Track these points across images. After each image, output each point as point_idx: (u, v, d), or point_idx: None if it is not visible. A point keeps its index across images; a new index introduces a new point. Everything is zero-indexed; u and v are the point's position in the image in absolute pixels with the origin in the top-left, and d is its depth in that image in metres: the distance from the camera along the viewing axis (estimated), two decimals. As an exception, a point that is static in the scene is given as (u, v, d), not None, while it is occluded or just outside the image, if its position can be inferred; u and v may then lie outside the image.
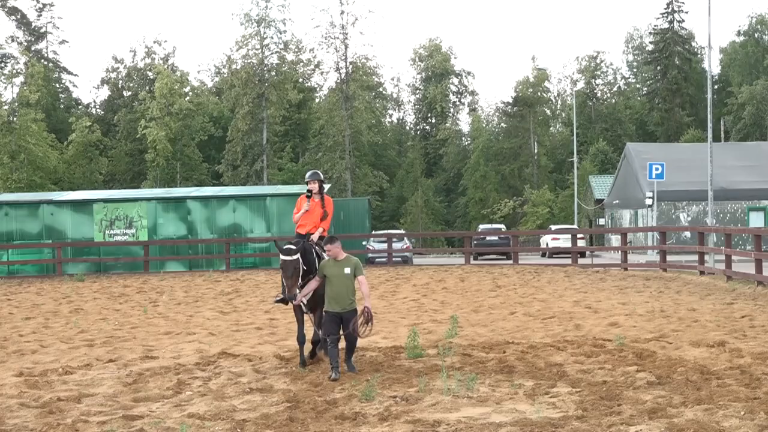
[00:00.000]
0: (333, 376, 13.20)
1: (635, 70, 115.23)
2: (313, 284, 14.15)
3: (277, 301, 15.32)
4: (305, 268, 14.16)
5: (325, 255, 14.37)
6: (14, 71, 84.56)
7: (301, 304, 14.44)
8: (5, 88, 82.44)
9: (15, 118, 77.95)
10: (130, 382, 13.62)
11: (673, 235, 53.43)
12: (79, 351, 17.05)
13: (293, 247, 14.12)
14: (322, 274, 14.01)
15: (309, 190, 15.27)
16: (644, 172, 52.38)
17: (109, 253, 44.48)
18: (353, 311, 13.86)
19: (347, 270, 13.92)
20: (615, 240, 61.34)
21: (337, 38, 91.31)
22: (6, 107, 78.68)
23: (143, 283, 34.75)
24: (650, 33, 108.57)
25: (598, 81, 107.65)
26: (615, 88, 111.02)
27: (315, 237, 15.06)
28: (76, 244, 44.33)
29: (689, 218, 60.11)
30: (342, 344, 13.91)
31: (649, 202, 53.60)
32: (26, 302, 28.02)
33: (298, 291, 14.03)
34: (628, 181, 65.44)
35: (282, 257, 14.03)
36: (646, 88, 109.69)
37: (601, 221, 79.28)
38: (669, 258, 38.21)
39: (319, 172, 15.75)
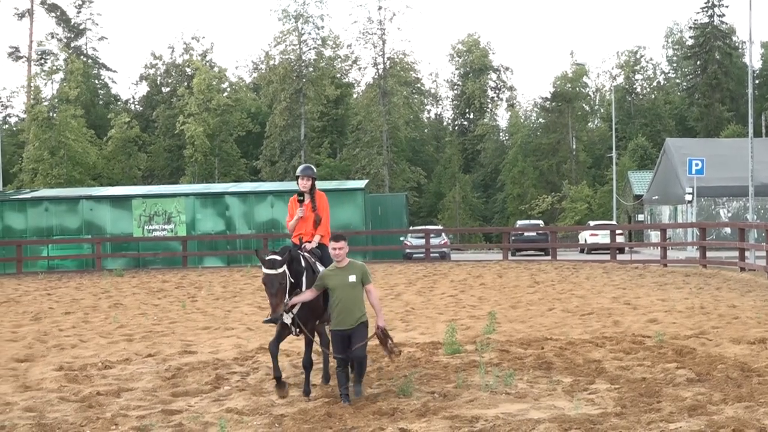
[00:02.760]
0: (344, 401, 11.44)
1: (675, 65, 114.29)
2: (305, 296, 11.96)
3: (267, 321, 12.53)
4: (292, 281, 11.87)
5: (319, 266, 12.50)
6: (54, 68, 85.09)
7: (288, 322, 12.09)
8: (45, 84, 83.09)
9: (55, 114, 78.47)
10: (169, 377, 13.67)
11: (713, 232, 53.10)
12: (119, 346, 17.14)
13: (278, 258, 11.73)
14: (322, 286, 11.92)
15: (300, 193, 13.25)
16: (684, 168, 52.02)
17: (147, 249, 44.71)
18: (363, 325, 11.84)
19: (352, 278, 11.83)
20: (654, 236, 60.95)
21: (375, 34, 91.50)
22: (46, 103, 79.23)
23: (182, 279, 34.88)
24: (690, 27, 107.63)
25: (638, 76, 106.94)
26: (654, 83, 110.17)
27: (310, 246, 12.92)
28: (115, 239, 44.61)
29: (729, 214, 59.77)
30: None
31: (688, 197, 53.27)
32: (66, 297, 28.19)
33: (285, 312, 11.81)
34: (668, 177, 65.07)
35: (264, 270, 11.68)
36: (685, 83, 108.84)
37: (641, 217, 78.88)
38: (709, 254, 37.91)
39: (312, 166, 13.74)
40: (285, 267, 11.66)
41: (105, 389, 12.74)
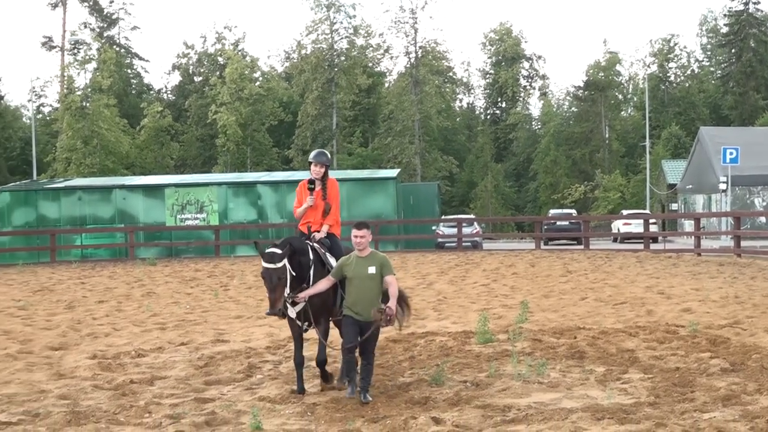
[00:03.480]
0: (349, 392, 10.99)
1: (709, 53, 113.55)
2: (321, 285, 11.36)
3: (269, 314, 11.81)
4: (294, 273, 11.26)
5: (329, 257, 11.91)
6: (87, 57, 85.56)
7: (293, 316, 11.56)
8: (78, 74, 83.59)
9: (88, 104, 78.89)
10: (202, 366, 13.71)
11: (747, 221, 52.71)
12: (152, 334, 17.20)
13: (278, 251, 11.11)
14: (339, 275, 11.33)
15: (311, 180, 12.46)
16: (718, 157, 51.72)
17: (180, 238, 44.91)
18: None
19: (372, 269, 11.16)
20: (688, 225, 60.60)
21: (407, 22, 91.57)
22: (79, 93, 79.65)
23: (214, 268, 34.99)
24: (725, 15, 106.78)
25: (671, 64, 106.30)
26: (688, 72, 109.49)
27: (318, 236, 12.23)
28: (148, 228, 44.85)
29: (764, 203, 59.35)
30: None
31: (723, 186, 52.94)
32: (99, 286, 28.34)
33: (289, 303, 11.26)
34: (702, 166, 64.68)
35: (263, 264, 11.15)
36: (720, 72, 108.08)
37: (674, 206, 78.44)
38: (743, 243, 37.65)
39: (326, 152, 12.99)
40: (285, 261, 11.07)
41: (138, 377, 12.80)
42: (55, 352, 15.39)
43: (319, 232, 12.33)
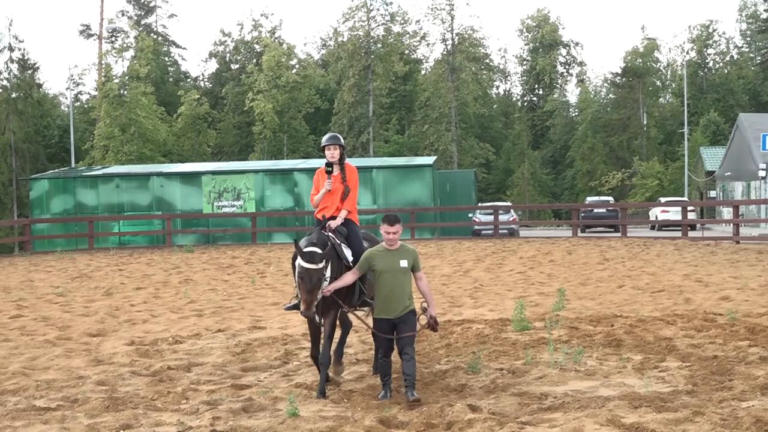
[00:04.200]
0: (383, 394, 10.49)
1: (748, 38, 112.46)
2: (348, 278, 10.83)
3: (290, 308, 11.63)
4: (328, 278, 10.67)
5: (345, 249, 11.31)
6: (125, 45, 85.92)
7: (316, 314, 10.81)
8: (116, 62, 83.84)
9: (125, 92, 79.21)
10: (239, 352, 13.77)
11: (786, 208, 52.25)
12: (189, 321, 17.30)
13: (318, 250, 10.49)
14: (366, 268, 10.71)
15: (328, 164, 11.76)
16: (757, 144, 51.38)
17: (217, 225, 45.13)
18: (412, 313, 10.65)
19: (404, 263, 10.53)
20: (726, 213, 60.24)
21: (444, 9, 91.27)
22: (117, 81, 79.98)
23: (251, 255, 35.13)
24: (765, 0, 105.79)
25: (710, 50, 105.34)
26: (727, 58, 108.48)
27: (335, 224, 11.50)
28: (185, 215, 45.05)
29: (804, 190, 58.76)
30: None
31: (762, 174, 52.54)
32: (137, 273, 28.52)
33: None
34: (741, 153, 64.18)
35: (302, 264, 10.43)
36: (759, 58, 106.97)
37: (712, 194, 77.92)
38: (782, 231, 37.37)
39: (338, 135, 12.14)
40: (324, 262, 10.46)
41: (176, 364, 12.87)
42: (93, 338, 15.50)
43: (335, 218, 11.64)
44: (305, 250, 10.45)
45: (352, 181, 11.82)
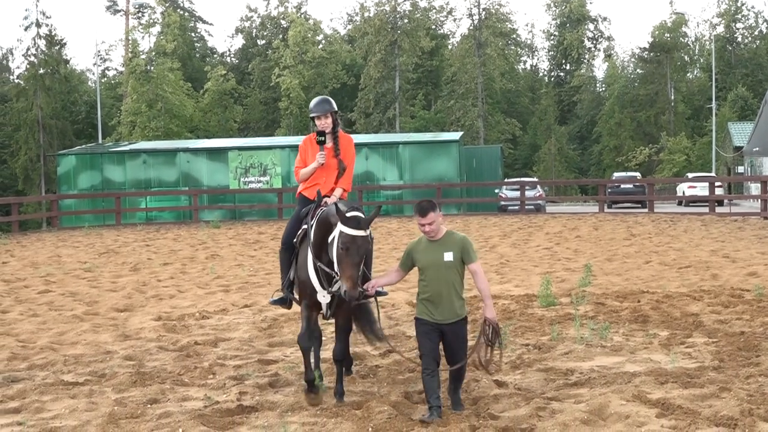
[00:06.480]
0: (428, 416, 8.54)
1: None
2: (392, 276, 9.37)
3: (275, 302, 10.59)
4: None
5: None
6: (151, 21, 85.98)
7: (326, 301, 9.54)
8: (143, 38, 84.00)
9: (152, 68, 79.34)
10: (265, 328, 13.82)
11: (815, 184, 51.89)
12: (216, 296, 17.36)
13: (361, 215, 8.78)
14: (409, 265, 9.07)
15: (320, 132, 10.10)
16: (786, 119, 50.94)
17: (243, 201, 45.20)
18: (464, 322, 9.04)
19: (448, 256, 8.76)
20: (754, 188, 59.83)
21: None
22: (143, 57, 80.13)
23: (277, 230, 35.12)
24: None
25: (739, 25, 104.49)
26: (756, 32, 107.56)
27: (331, 202, 9.66)
28: (212, 191, 45.14)
29: (833, 166, 58.36)
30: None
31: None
32: (164, 248, 28.62)
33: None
34: (769, 128, 63.71)
35: (347, 231, 8.60)
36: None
37: (740, 169, 77.42)
38: (811, 207, 37.09)
39: (330, 99, 10.39)
40: (369, 229, 8.83)
41: (202, 339, 12.94)
42: (121, 313, 15.59)
43: (329, 197, 10.03)
44: (349, 215, 8.67)
45: (348, 156, 10.32)
